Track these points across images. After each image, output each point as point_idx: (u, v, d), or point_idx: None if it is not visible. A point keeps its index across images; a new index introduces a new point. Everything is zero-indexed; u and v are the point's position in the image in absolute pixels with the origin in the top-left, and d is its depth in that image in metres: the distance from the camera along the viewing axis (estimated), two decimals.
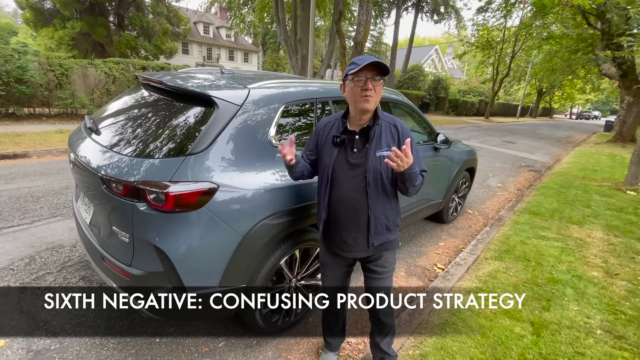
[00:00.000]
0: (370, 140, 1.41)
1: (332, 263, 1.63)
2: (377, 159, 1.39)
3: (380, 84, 1.34)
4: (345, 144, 1.45)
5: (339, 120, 1.48)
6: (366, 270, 1.61)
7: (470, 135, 13.61)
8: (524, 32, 20.81)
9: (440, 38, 64.26)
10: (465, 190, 4.21)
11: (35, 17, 17.53)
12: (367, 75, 1.30)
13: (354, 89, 1.34)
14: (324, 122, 1.56)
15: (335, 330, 1.82)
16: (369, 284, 1.61)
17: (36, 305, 2.13)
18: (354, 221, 1.46)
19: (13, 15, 46.21)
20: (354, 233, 1.48)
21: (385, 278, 1.58)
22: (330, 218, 1.51)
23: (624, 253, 3.27)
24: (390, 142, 1.41)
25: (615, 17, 10.46)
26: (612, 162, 8.90)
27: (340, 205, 1.47)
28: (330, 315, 1.78)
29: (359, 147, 1.43)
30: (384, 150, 1.38)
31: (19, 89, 7.94)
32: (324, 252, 1.67)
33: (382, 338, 1.64)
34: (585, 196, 5.23)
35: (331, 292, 1.70)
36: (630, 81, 12.45)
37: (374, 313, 1.61)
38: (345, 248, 1.53)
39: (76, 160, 1.78)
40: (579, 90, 30.67)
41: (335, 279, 1.67)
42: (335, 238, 1.54)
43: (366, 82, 1.30)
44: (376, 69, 1.30)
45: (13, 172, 4.59)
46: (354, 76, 1.31)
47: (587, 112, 52.08)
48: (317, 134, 1.56)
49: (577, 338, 2.03)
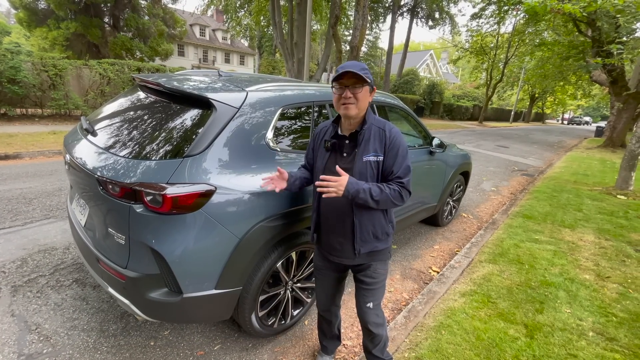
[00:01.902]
0: (359, 145, 1.42)
1: (324, 267, 1.65)
2: (364, 164, 1.40)
3: (361, 90, 1.35)
4: (336, 148, 1.48)
5: (331, 124, 1.52)
6: (356, 280, 1.61)
7: (465, 140, 13.74)
8: (517, 39, 21.20)
9: (435, 43, 65.00)
10: (460, 193, 4.25)
11: (29, 17, 17.37)
12: (347, 83, 1.34)
13: (335, 96, 1.39)
14: (320, 127, 1.60)
15: (329, 334, 1.82)
16: (358, 294, 1.59)
17: (28, 308, 2.10)
18: (339, 225, 1.48)
19: (6, 15, 45.71)
20: (340, 238, 1.49)
21: (375, 289, 1.55)
22: (320, 221, 1.55)
23: (615, 256, 3.32)
24: (377, 147, 1.41)
25: (605, 25, 10.69)
26: (603, 167, 9.06)
27: (328, 209, 1.50)
28: (323, 321, 1.79)
29: (348, 152, 1.45)
30: (371, 155, 1.40)
31: (12, 89, 7.85)
32: (316, 255, 1.69)
33: (373, 346, 1.62)
34: (577, 200, 5.31)
35: (322, 297, 1.71)
36: (620, 88, 12.71)
37: (363, 324, 1.58)
38: (333, 252, 1.55)
39: (72, 161, 1.77)
40: (571, 96, 31.17)
41: (327, 284, 1.68)
42: (324, 241, 1.57)
43: (344, 90, 1.34)
44: (356, 77, 1.33)
45: (5, 174, 4.52)
46: (335, 84, 1.37)
47: (579, 117, 53.04)
48: (314, 138, 1.60)
49: (569, 340, 2.06)
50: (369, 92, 1.41)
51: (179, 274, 1.48)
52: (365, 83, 1.35)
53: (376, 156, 1.40)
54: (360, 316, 1.58)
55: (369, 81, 1.34)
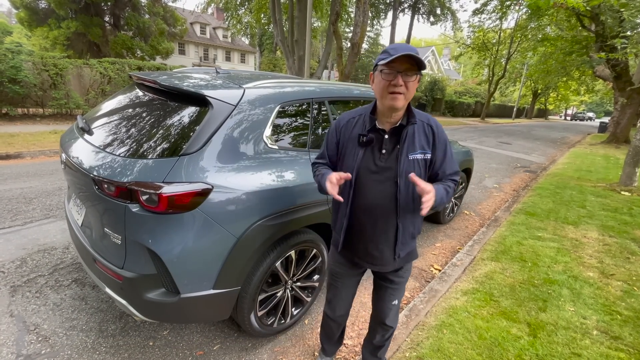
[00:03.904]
0: (402, 141, 1.23)
1: (345, 274, 1.51)
2: (410, 162, 1.23)
3: (413, 79, 1.14)
4: (373, 144, 1.27)
5: (366, 116, 1.29)
6: (382, 280, 1.49)
7: (467, 136, 13.66)
8: (519, 34, 20.99)
9: (436, 39, 64.59)
10: (462, 191, 4.22)
11: (29, 16, 17.38)
12: (400, 68, 1.11)
13: (382, 82, 1.15)
14: (345, 118, 1.36)
15: (333, 337, 1.74)
16: (382, 292, 1.50)
17: (27, 308, 2.09)
18: (381, 231, 1.31)
19: (7, 15, 45.78)
20: (381, 244, 1.33)
21: (401, 288, 1.50)
22: (353, 227, 1.35)
23: (619, 253, 3.28)
24: (424, 144, 1.25)
25: (609, 19, 10.57)
26: (607, 163, 8.98)
27: (366, 213, 1.30)
28: (332, 323, 1.67)
29: (388, 149, 1.25)
30: (418, 152, 1.24)
31: (13, 89, 7.85)
32: (338, 262, 1.51)
33: (382, 341, 1.60)
34: (580, 197, 5.26)
35: (341, 304, 1.59)
36: (624, 83, 12.58)
37: (381, 320, 1.53)
38: (369, 260, 1.38)
39: (68, 160, 1.75)
40: (574, 91, 30.96)
41: (348, 290, 1.56)
42: (358, 248, 1.39)
43: (397, 76, 1.12)
44: (411, 62, 1.11)
45: (5, 173, 4.52)
46: (384, 67, 1.12)
47: (582, 113, 52.66)
48: (339, 131, 1.36)
49: (573, 339, 2.03)
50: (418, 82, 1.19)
51: (176, 274, 1.47)
52: (419, 71, 1.14)
53: (424, 153, 1.25)
54: (381, 312, 1.52)
55: (425, 69, 1.14)
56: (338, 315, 1.62)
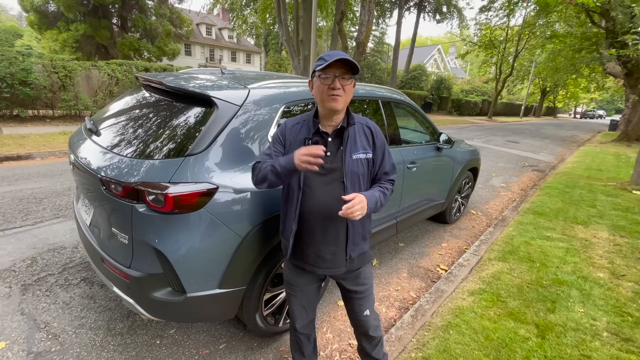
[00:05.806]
0: (345, 142, 1.30)
1: (302, 282, 1.46)
2: (354, 162, 1.30)
3: (349, 83, 1.22)
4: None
5: (310, 120, 1.33)
6: (346, 292, 1.49)
7: (473, 135, 13.53)
8: (527, 31, 20.68)
9: (442, 38, 64.03)
10: (469, 190, 4.18)
11: (39, 19, 17.70)
12: (336, 73, 1.19)
13: (322, 87, 1.22)
14: (290, 123, 1.39)
15: (308, 350, 1.62)
16: (352, 304, 1.49)
17: (37, 306, 2.13)
18: (332, 232, 1.33)
19: (18, 18, 46.68)
20: (332, 246, 1.34)
21: (368, 296, 1.49)
22: (302, 231, 1.35)
23: (631, 254, 3.22)
24: (365, 145, 1.34)
25: (619, 15, 10.35)
26: (618, 162, 8.81)
27: (316, 216, 1.31)
28: (300, 335, 1.55)
29: (332, 150, 1.31)
30: (360, 152, 1.32)
31: (23, 91, 8.00)
32: (290, 270, 1.47)
33: (372, 348, 1.58)
34: (590, 196, 5.17)
35: (302, 313, 1.51)
36: (636, 80, 12.34)
37: (363, 331, 1.52)
38: (321, 264, 1.37)
39: (76, 161, 1.78)
40: (583, 89, 30.40)
41: (307, 298, 1.49)
42: (308, 253, 1.37)
43: (334, 80, 1.19)
44: (346, 67, 1.19)
45: (17, 174, 4.61)
46: (322, 73, 1.20)
47: (592, 111, 51.77)
48: (284, 135, 1.37)
49: (583, 340, 2.00)
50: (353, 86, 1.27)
51: (182, 273, 1.48)
52: (354, 75, 1.23)
53: (366, 153, 1.33)
54: (358, 325, 1.51)
55: (358, 73, 1.22)
56: (301, 326, 1.54)
